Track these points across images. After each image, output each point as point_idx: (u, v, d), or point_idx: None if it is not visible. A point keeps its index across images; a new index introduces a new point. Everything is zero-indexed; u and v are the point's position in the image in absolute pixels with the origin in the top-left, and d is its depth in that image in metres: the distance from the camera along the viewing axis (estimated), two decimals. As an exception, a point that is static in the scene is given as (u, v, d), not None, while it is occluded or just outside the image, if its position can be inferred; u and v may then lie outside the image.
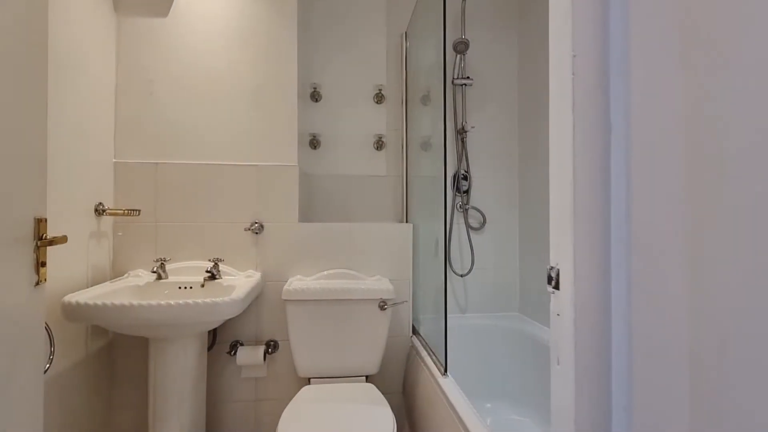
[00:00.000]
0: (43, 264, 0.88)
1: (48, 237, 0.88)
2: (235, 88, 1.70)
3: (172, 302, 1.19)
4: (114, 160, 1.62)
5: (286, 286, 1.54)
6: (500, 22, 2.21)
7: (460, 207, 2.16)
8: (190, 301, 1.20)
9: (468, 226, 2.14)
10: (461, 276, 2.13)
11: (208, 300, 1.22)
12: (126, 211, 1.51)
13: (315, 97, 2.03)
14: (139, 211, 1.57)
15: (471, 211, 2.17)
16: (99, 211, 1.50)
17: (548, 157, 0.59)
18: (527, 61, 2.12)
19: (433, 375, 1.37)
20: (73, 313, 1.17)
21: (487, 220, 2.18)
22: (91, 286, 1.45)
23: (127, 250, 1.62)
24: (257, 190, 1.70)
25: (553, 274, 0.57)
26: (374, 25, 2.07)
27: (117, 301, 1.17)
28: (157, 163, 1.64)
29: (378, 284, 1.59)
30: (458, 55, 2.11)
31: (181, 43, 1.67)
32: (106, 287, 1.38)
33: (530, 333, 1.89)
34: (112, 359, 1.60)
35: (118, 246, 1.62)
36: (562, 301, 0.55)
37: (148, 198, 1.63)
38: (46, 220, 0.89)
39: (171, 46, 1.67)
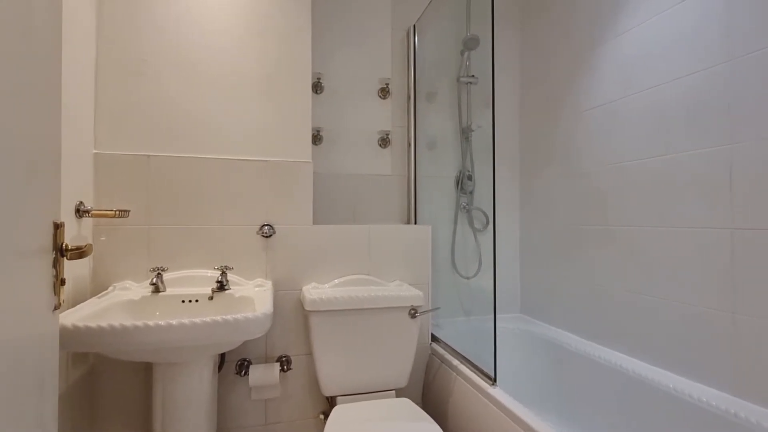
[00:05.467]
0: (63, 282, 0.68)
1: (71, 246, 0.68)
2: (243, 74, 1.50)
3: (197, 320, 1.00)
4: (94, 151, 1.35)
5: (307, 296, 1.38)
6: (502, 19, 2.19)
7: (464, 208, 2.12)
8: (218, 318, 1.02)
9: (473, 228, 2.10)
10: (467, 279, 2.08)
11: (238, 316, 1.04)
12: (115, 212, 1.26)
13: (317, 88, 1.88)
14: (128, 211, 1.32)
15: (475, 212, 2.13)
16: (80, 211, 1.24)
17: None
18: (530, 59, 2.12)
19: (476, 385, 1.30)
20: (70, 338, 0.93)
21: (489, 221, 2.16)
22: (74, 303, 1.20)
23: (111, 258, 1.36)
24: (267, 189, 1.51)
25: None
26: (379, 16, 1.96)
27: (128, 323, 0.96)
28: (149, 155, 1.40)
29: (406, 290, 1.48)
30: (466, 52, 2.06)
31: (180, 17, 1.44)
32: (94, 304, 1.14)
33: (539, 333, 1.89)
34: (92, 391, 1.33)
35: (99, 254, 1.35)
36: None
37: (138, 197, 1.39)
38: (64, 225, 0.69)
39: (167, 20, 1.43)
